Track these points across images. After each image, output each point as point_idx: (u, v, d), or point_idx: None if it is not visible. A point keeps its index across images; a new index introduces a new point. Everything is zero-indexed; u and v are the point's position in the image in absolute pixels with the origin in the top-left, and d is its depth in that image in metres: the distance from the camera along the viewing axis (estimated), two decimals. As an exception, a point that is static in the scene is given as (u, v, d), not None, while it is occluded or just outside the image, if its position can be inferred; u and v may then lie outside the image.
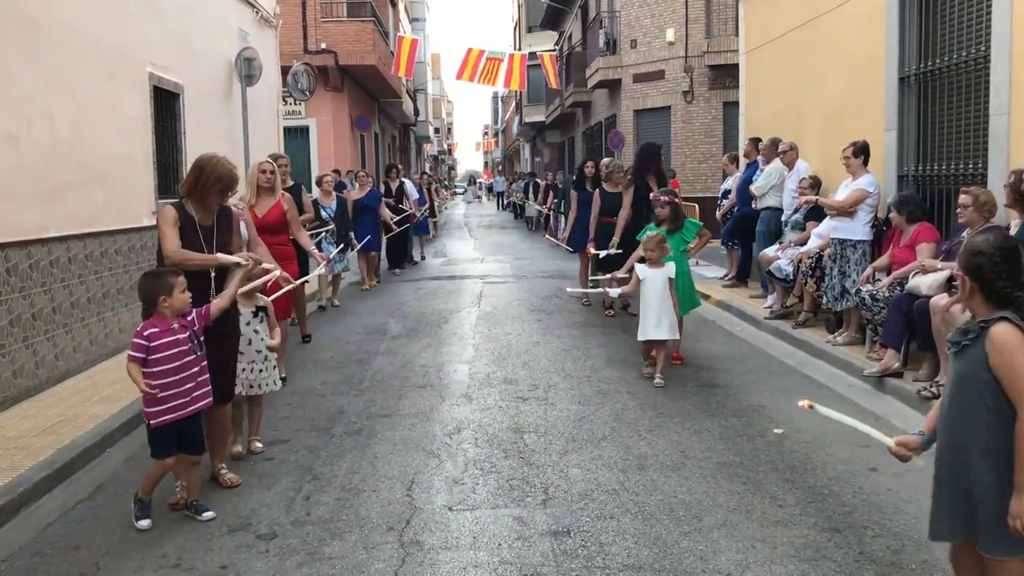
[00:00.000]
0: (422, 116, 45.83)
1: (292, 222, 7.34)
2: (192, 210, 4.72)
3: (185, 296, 4.32)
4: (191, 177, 4.74)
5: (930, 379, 6.24)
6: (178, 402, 4.30)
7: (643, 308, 7.12)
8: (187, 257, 4.55)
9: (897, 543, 3.97)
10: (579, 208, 11.19)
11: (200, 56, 11.18)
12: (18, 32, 6.86)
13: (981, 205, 6.19)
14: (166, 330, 4.28)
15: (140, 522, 4.32)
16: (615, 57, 24.28)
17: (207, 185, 4.67)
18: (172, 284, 4.29)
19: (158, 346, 4.24)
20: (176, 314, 4.32)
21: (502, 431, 5.86)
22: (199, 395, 4.42)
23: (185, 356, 4.32)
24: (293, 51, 18.98)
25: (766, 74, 11.93)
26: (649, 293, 7.07)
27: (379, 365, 8.01)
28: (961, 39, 7.25)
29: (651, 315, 7.03)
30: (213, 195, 4.70)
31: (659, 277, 7.09)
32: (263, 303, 5.34)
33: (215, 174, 4.67)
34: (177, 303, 4.30)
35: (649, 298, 7.06)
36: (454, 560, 3.90)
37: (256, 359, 5.29)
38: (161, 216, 4.69)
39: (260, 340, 5.30)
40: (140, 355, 4.21)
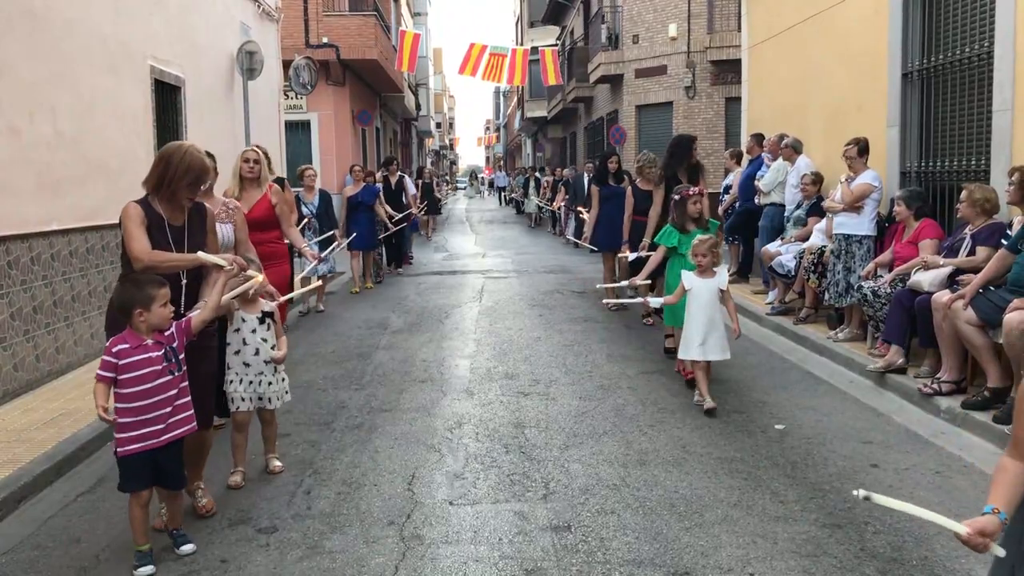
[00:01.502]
0: (424, 111, 45.76)
1: (282, 217, 6.75)
2: (160, 208, 4.12)
3: (166, 311, 3.80)
4: (156, 170, 4.13)
5: (931, 375, 6.24)
6: (150, 429, 3.75)
7: (687, 322, 6.23)
8: (162, 259, 3.96)
9: (898, 539, 3.96)
10: (601, 205, 10.53)
11: (202, 50, 11.17)
12: (20, 25, 6.85)
13: (975, 202, 6.18)
14: (138, 347, 3.74)
15: (140, 569, 3.78)
16: (617, 52, 24.23)
17: (175, 178, 4.08)
18: (153, 296, 3.75)
19: (128, 365, 3.72)
20: (152, 330, 3.79)
21: (503, 426, 5.86)
22: (177, 421, 3.86)
23: (159, 377, 3.77)
24: (295, 45, 18.96)
25: (768, 70, 11.90)
26: (696, 306, 6.18)
27: (380, 359, 8.01)
28: (965, 35, 7.23)
29: (697, 331, 6.12)
30: (183, 189, 4.10)
31: (708, 287, 6.19)
32: (270, 308, 4.86)
33: (184, 165, 4.08)
34: (155, 318, 3.78)
35: (695, 311, 6.17)
36: (455, 554, 3.90)
37: (265, 370, 4.80)
38: (125, 214, 4.07)
39: (268, 350, 4.82)
40: (109, 374, 3.71)
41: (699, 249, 6.21)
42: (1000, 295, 5.54)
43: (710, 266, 6.20)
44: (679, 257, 6.77)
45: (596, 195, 10.64)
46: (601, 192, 10.55)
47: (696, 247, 6.23)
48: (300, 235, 7.16)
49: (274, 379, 4.85)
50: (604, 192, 10.52)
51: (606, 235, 10.31)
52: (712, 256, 6.20)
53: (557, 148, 41.40)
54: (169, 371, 3.82)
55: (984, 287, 5.68)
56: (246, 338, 4.75)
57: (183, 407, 3.91)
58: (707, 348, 6.10)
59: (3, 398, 6.41)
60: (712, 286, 6.19)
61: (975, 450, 5.19)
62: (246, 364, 4.76)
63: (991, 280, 5.70)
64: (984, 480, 4.72)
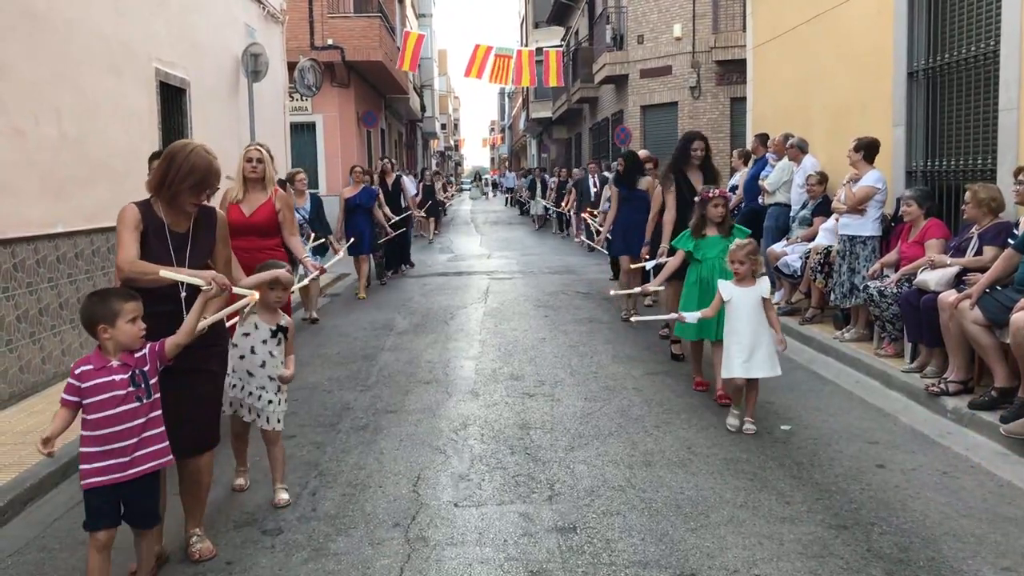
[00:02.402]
0: (429, 112, 45.79)
1: (285, 224, 6.35)
2: (161, 212, 3.78)
3: (135, 328, 3.38)
4: (160, 169, 3.79)
5: (938, 375, 6.21)
6: (114, 461, 3.33)
7: (728, 338, 5.63)
8: (141, 271, 3.57)
9: (905, 540, 3.95)
10: (620, 207, 9.90)
11: (206, 51, 11.19)
12: (25, 27, 6.86)
13: (980, 202, 6.16)
14: (101, 368, 3.34)
15: None
16: (622, 53, 24.23)
17: (177, 179, 3.73)
18: (117, 310, 3.34)
19: (90, 388, 3.30)
20: (121, 349, 3.39)
21: (508, 427, 5.85)
22: (145, 455, 3.41)
23: (123, 403, 3.34)
24: (300, 47, 18.99)
25: (773, 69, 11.88)
26: (737, 318, 5.58)
27: (385, 361, 8.01)
28: (970, 34, 7.20)
29: (740, 346, 5.53)
30: (184, 192, 3.74)
31: (750, 297, 5.58)
32: (285, 323, 4.53)
33: (188, 165, 3.73)
34: (122, 336, 3.36)
35: (737, 324, 5.57)
36: (460, 556, 3.90)
37: (268, 386, 4.47)
38: (119, 217, 3.72)
39: (276, 366, 4.49)
40: (72, 398, 3.31)
41: (736, 255, 5.63)
42: (1007, 295, 5.51)
43: (750, 274, 5.62)
44: (696, 264, 6.43)
45: (616, 196, 10.09)
46: (620, 193, 9.98)
47: (733, 253, 5.67)
48: (301, 243, 6.71)
49: (275, 398, 4.50)
50: (624, 194, 9.93)
51: (622, 239, 9.80)
52: (751, 263, 5.61)
53: (562, 149, 41.40)
54: (136, 397, 3.38)
55: (991, 287, 5.66)
56: (255, 347, 4.44)
57: (153, 439, 3.45)
58: (752, 364, 5.52)
59: (9, 400, 6.42)
60: (754, 296, 5.60)
61: (982, 450, 5.16)
62: (250, 374, 4.46)
63: (998, 280, 5.67)
64: (991, 480, 4.71)
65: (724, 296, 5.64)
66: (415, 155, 44.69)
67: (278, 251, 6.30)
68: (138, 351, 3.45)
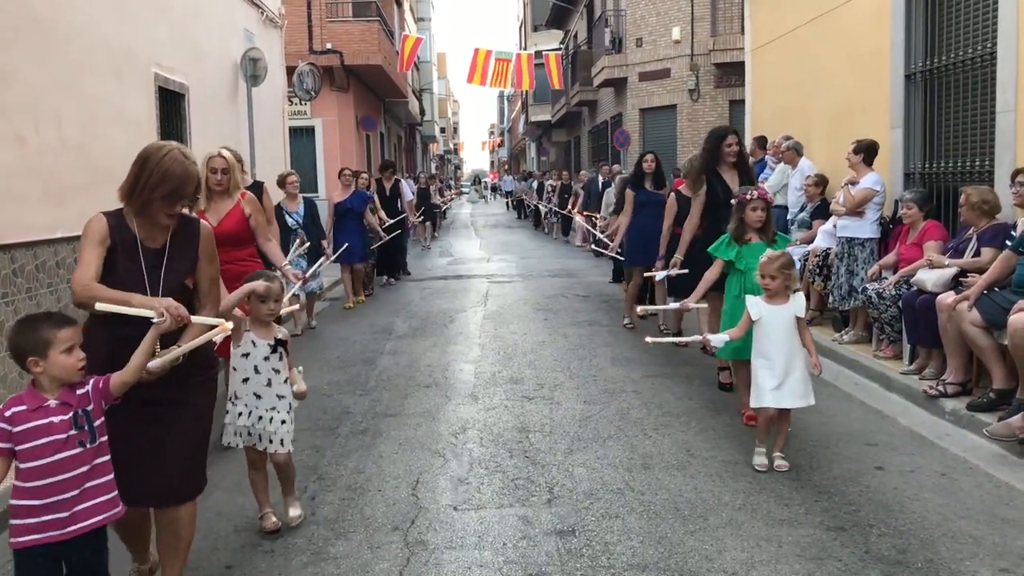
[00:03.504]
0: (428, 116, 45.84)
1: (258, 229, 5.93)
2: (133, 224, 3.32)
3: (71, 359, 2.89)
4: (131, 174, 3.32)
5: (937, 377, 6.22)
6: (51, 517, 2.83)
7: (757, 360, 5.01)
8: (95, 295, 3.09)
9: (903, 542, 3.95)
10: (635, 212, 9.25)
11: (205, 56, 11.20)
12: (26, 33, 6.87)
13: (973, 205, 6.17)
14: (37, 409, 2.85)
15: None
16: (621, 56, 24.26)
17: (148, 187, 3.23)
18: (49, 339, 2.85)
19: (24, 433, 2.82)
20: (58, 385, 2.90)
21: (507, 430, 5.86)
22: (88, 508, 2.91)
23: (62, 449, 2.85)
24: (299, 51, 19.00)
25: (772, 72, 11.90)
26: (767, 340, 4.95)
27: (385, 364, 8.02)
28: (967, 36, 7.22)
29: (770, 372, 4.91)
30: (156, 202, 3.25)
31: (782, 316, 4.95)
32: (284, 336, 4.24)
33: (160, 171, 3.23)
34: (56, 369, 2.87)
35: (768, 347, 4.95)
36: (459, 560, 3.90)
37: (278, 405, 4.16)
38: (85, 229, 3.29)
39: (281, 383, 4.19)
40: (4, 445, 2.81)
41: (767, 268, 4.95)
42: (1005, 296, 5.53)
43: (782, 290, 4.97)
44: (737, 274, 5.73)
45: (631, 200, 9.37)
46: (637, 197, 9.28)
47: (764, 266, 4.98)
48: (280, 250, 6.20)
49: (288, 417, 4.22)
50: (640, 198, 9.24)
51: (636, 248, 9.10)
52: (784, 277, 4.94)
53: (561, 152, 41.43)
54: (79, 442, 2.89)
55: (989, 288, 5.67)
56: (258, 366, 4.15)
57: (99, 489, 2.95)
58: (783, 392, 4.90)
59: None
60: (786, 315, 4.96)
61: (980, 452, 5.17)
62: (257, 396, 4.15)
63: (996, 281, 5.68)
64: (989, 482, 4.72)
65: (753, 315, 5.00)
66: (414, 159, 44.71)
67: (253, 261, 5.93)
68: (80, 387, 2.96)
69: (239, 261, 5.64)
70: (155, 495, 3.34)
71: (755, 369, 5.01)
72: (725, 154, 6.71)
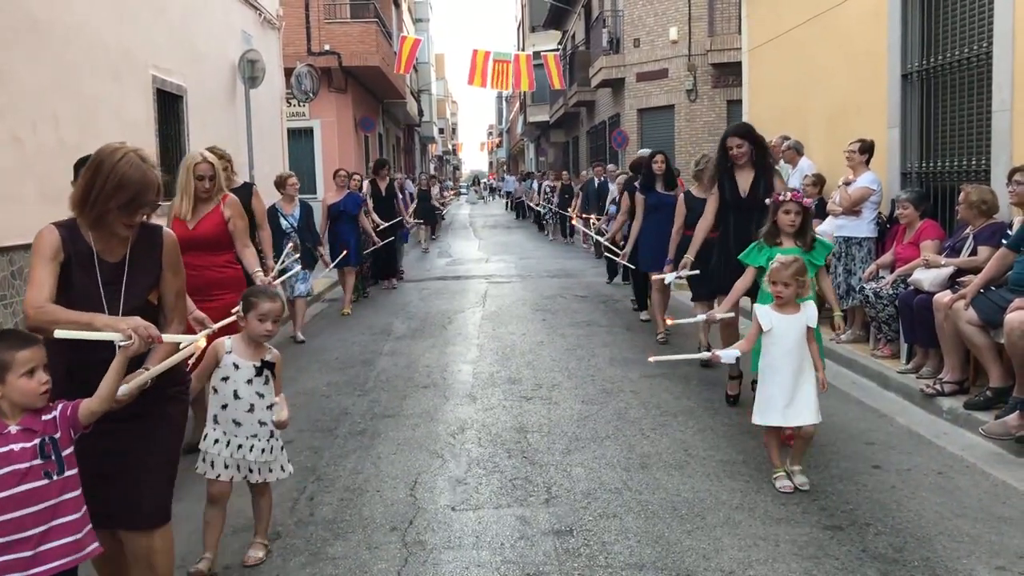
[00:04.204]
0: (426, 117, 45.90)
1: (236, 234, 5.53)
2: (89, 235, 2.99)
3: (32, 383, 2.62)
4: (83, 181, 2.96)
5: (934, 376, 6.23)
6: (13, 557, 2.55)
7: (764, 374, 4.71)
8: (50, 320, 2.80)
9: (900, 540, 3.96)
10: (646, 216, 8.93)
11: (203, 58, 11.22)
12: (24, 34, 6.89)
13: (972, 204, 6.18)
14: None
15: None
16: (618, 56, 24.29)
17: (103, 196, 2.89)
18: (7, 362, 2.60)
19: None
20: (20, 410, 2.65)
21: (505, 431, 5.87)
22: (55, 549, 2.62)
23: (25, 480, 2.58)
24: (297, 52, 19.03)
25: (769, 72, 11.92)
26: (777, 351, 4.64)
27: (383, 365, 8.03)
28: (963, 35, 7.24)
29: (779, 386, 4.61)
30: (113, 212, 2.91)
31: (793, 327, 4.64)
32: (271, 358, 3.90)
33: (116, 177, 2.88)
34: (15, 394, 2.62)
35: (777, 359, 4.64)
36: (457, 560, 3.91)
37: (259, 433, 3.84)
38: (34, 244, 2.99)
39: (264, 409, 3.85)
40: None
41: (778, 275, 4.61)
42: (1001, 295, 5.54)
43: (793, 298, 4.66)
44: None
45: (641, 204, 9.03)
46: (648, 200, 8.93)
47: (774, 272, 4.64)
48: (255, 257, 5.81)
49: (268, 446, 3.88)
50: (651, 201, 8.88)
51: (651, 253, 8.58)
52: (796, 285, 4.62)
53: (559, 152, 41.47)
54: (44, 473, 2.63)
55: (985, 287, 5.68)
56: (239, 390, 3.82)
57: (67, 527, 2.66)
58: (793, 410, 4.58)
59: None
60: (797, 325, 4.64)
61: (977, 450, 5.18)
62: (236, 423, 3.82)
63: (992, 280, 5.70)
64: (986, 480, 4.73)
65: (763, 324, 4.66)
66: (413, 160, 44.74)
67: (232, 267, 5.60)
68: (47, 413, 2.70)
69: (217, 267, 5.37)
70: (124, 517, 3.04)
71: (762, 384, 4.72)
72: (733, 156, 6.28)
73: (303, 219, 9.52)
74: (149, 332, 2.78)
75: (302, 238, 9.35)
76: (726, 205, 6.33)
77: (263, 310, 3.81)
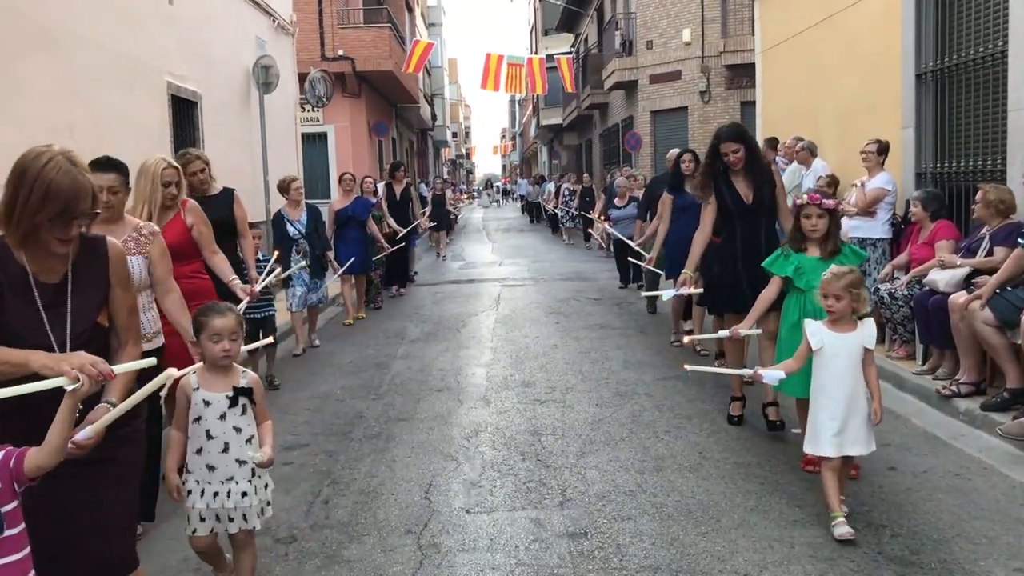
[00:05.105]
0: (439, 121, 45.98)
1: (202, 241, 5.26)
2: (21, 255, 2.59)
3: None
4: (6, 193, 2.56)
5: (950, 377, 6.20)
6: None
7: (814, 397, 4.26)
8: None
9: (916, 543, 3.94)
10: (674, 219, 8.25)
11: (217, 65, 11.29)
12: (39, 44, 6.96)
13: (989, 203, 6.14)
14: None
15: None
16: (631, 58, 24.26)
17: (30, 209, 2.50)
18: None
19: None
20: None
21: (520, 433, 5.87)
22: None
23: None
24: (310, 58, 19.12)
25: (782, 73, 11.89)
26: (829, 374, 4.17)
27: (397, 369, 8.05)
28: (978, 34, 7.20)
29: (831, 413, 4.12)
30: (44, 226, 2.51)
31: (847, 346, 4.15)
32: (247, 384, 3.40)
33: (42, 186, 2.48)
34: None
35: (828, 382, 4.17)
36: (471, 562, 3.92)
37: (237, 475, 3.34)
38: None
39: (241, 445, 3.35)
40: None
41: (830, 287, 4.13)
42: (1017, 295, 5.50)
43: (848, 313, 4.16)
44: (796, 294, 4.93)
45: (668, 205, 8.38)
46: (676, 202, 8.27)
47: (827, 284, 4.15)
48: (228, 265, 5.45)
49: (251, 487, 3.37)
50: (679, 202, 8.21)
51: (678, 258, 7.50)
52: (851, 298, 4.12)
53: (573, 155, 41.44)
54: None
55: (1001, 287, 5.65)
56: (211, 428, 3.33)
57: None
58: (846, 438, 4.10)
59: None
60: (854, 344, 4.15)
61: (994, 452, 5.15)
62: (210, 468, 3.33)
63: (1008, 280, 5.66)
64: (1003, 482, 4.70)
65: (813, 343, 4.19)
66: (427, 164, 44.82)
67: (199, 277, 5.28)
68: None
69: (183, 278, 4.88)
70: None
71: (813, 409, 4.25)
72: (730, 162, 5.75)
73: (311, 224, 8.96)
74: (99, 369, 2.38)
75: (311, 244, 8.87)
76: (729, 214, 5.80)
77: (215, 328, 3.35)
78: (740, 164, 5.72)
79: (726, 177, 5.80)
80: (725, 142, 5.72)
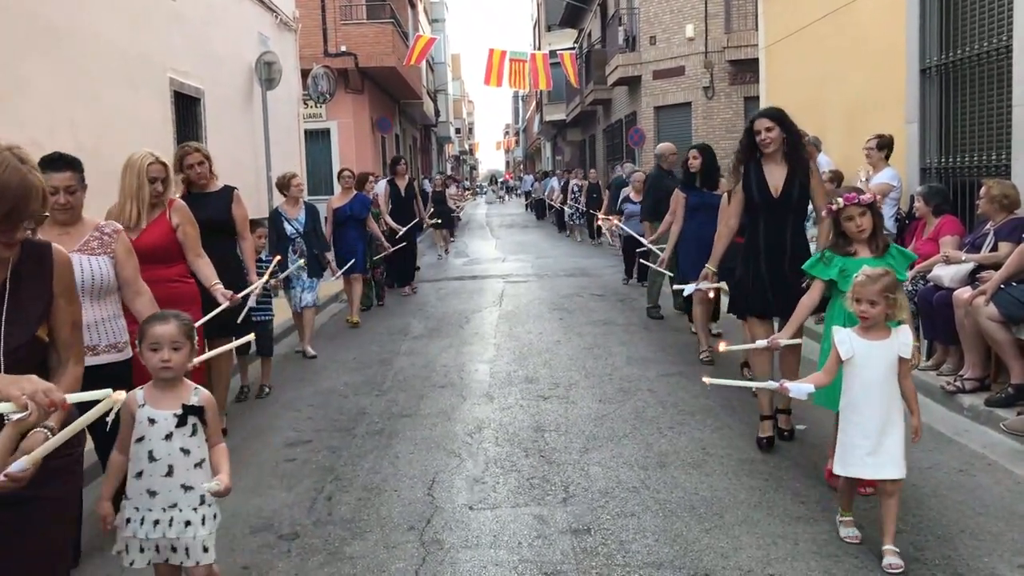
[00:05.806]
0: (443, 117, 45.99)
1: (187, 243, 4.96)
2: None
3: None
4: None
5: (954, 373, 6.18)
6: None
7: (844, 413, 3.90)
8: None
9: (920, 539, 3.93)
10: (687, 218, 7.95)
11: (220, 61, 11.29)
12: (42, 40, 6.95)
13: (993, 198, 6.12)
14: None
15: None
16: (635, 54, 24.22)
17: None
18: None
19: None
20: None
21: (523, 430, 5.87)
22: None
23: None
24: (313, 54, 19.11)
25: (786, 68, 11.86)
26: (861, 387, 3.82)
27: (401, 365, 8.04)
28: (983, 29, 7.17)
29: (860, 429, 3.80)
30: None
31: (881, 356, 3.79)
32: (197, 400, 3.07)
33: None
34: None
35: (859, 395, 3.82)
36: (474, 559, 3.92)
37: (180, 502, 3.00)
38: None
39: (189, 469, 3.02)
40: None
41: (863, 292, 3.75)
42: (1022, 290, 5.48)
43: (882, 320, 3.79)
44: (840, 297, 4.35)
45: (681, 203, 8.07)
46: (689, 200, 7.99)
47: (858, 288, 3.78)
48: (211, 269, 5.11)
49: (195, 516, 3.02)
50: (692, 201, 7.95)
51: (693, 260, 7.32)
52: (885, 303, 3.74)
53: (576, 151, 41.41)
54: None
55: (1006, 283, 5.63)
56: (154, 450, 2.99)
57: None
58: (881, 458, 3.75)
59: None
60: (886, 353, 3.79)
61: (999, 448, 5.14)
62: (151, 493, 2.99)
63: (1013, 275, 5.63)
64: (1008, 478, 4.68)
65: (843, 353, 3.82)
66: (430, 159, 44.81)
67: (184, 282, 5.02)
68: None
69: (167, 282, 4.72)
70: None
71: (843, 425, 3.90)
72: (761, 141, 5.29)
73: (309, 223, 8.58)
74: (52, 398, 2.11)
75: (308, 244, 8.52)
76: (754, 206, 5.38)
77: (153, 336, 3.02)
78: (773, 146, 5.28)
79: (758, 164, 5.39)
80: (760, 119, 5.35)
